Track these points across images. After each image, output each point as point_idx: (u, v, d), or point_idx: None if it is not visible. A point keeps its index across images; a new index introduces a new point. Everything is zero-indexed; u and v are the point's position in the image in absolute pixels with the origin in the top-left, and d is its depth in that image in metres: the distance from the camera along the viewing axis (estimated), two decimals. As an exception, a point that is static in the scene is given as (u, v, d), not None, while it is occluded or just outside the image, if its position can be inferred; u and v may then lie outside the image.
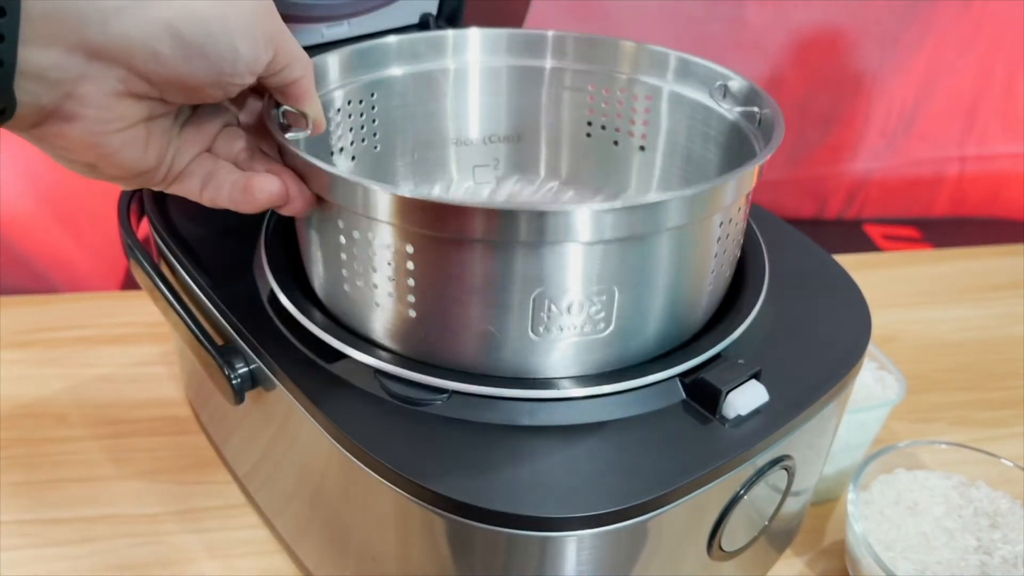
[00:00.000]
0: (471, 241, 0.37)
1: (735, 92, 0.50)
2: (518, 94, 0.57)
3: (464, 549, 0.39)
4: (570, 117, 0.57)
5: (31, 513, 0.58)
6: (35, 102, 0.32)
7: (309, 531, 0.50)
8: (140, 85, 0.34)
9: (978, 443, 0.58)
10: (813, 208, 1.03)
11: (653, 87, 0.53)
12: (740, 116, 0.49)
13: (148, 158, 0.37)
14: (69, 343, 0.72)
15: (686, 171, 0.54)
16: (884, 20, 0.91)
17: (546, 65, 0.56)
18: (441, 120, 0.56)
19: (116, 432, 0.64)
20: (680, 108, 0.53)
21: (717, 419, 0.41)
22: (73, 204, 0.81)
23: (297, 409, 0.42)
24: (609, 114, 0.55)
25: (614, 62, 0.54)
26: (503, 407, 0.40)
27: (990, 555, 0.53)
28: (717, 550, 0.44)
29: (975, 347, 0.78)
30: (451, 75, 0.55)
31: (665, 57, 0.52)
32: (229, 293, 0.47)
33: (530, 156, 0.58)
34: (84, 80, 0.32)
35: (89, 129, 0.34)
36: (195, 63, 0.34)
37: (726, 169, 0.51)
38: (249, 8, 0.35)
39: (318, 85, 0.49)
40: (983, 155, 1.02)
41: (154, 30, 0.32)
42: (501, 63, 0.56)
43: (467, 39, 0.55)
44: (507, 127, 0.57)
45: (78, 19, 0.31)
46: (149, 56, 0.33)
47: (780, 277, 0.50)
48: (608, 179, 0.57)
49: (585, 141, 0.57)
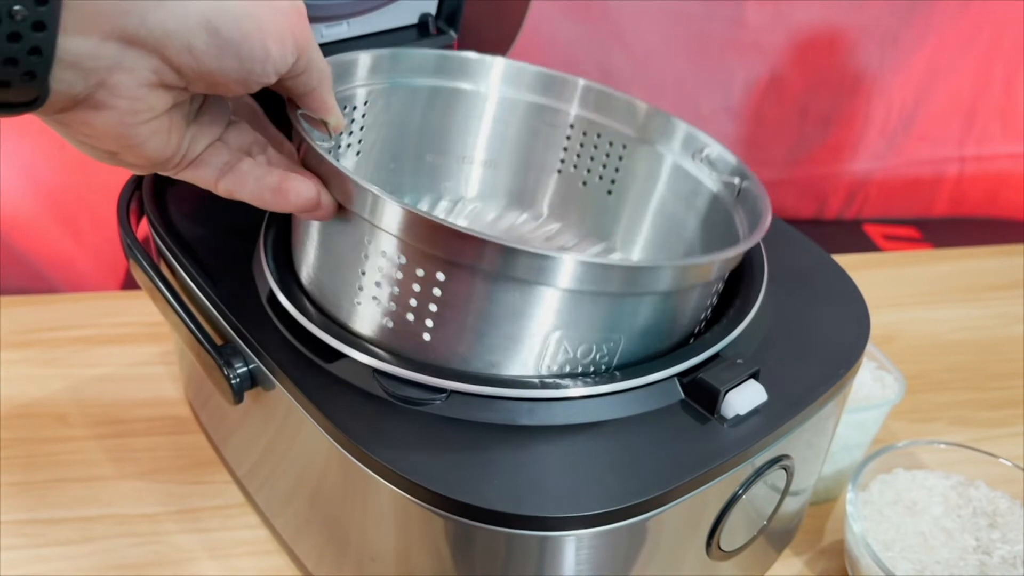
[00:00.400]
0: (508, 278, 0.39)
1: (714, 159, 0.52)
2: (526, 129, 0.58)
3: (463, 549, 0.39)
4: (569, 159, 0.58)
5: (31, 513, 0.58)
6: (68, 90, 0.32)
7: (308, 531, 0.50)
8: (171, 76, 0.34)
9: (977, 443, 0.58)
10: (813, 208, 1.03)
11: (656, 153, 0.55)
12: (723, 187, 0.52)
13: (169, 147, 0.37)
14: (69, 343, 0.72)
15: (662, 227, 0.56)
16: (884, 20, 0.91)
17: (560, 107, 0.57)
18: (451, 135, 0.58)
19: (116, 432, 0.64)
20: (679, 178, 0.54)
21: (716, 419, 0.41)
22: (73, 204, 0.81)
23: (296, 409, 0.42)
24: (608, 166, 0.57)
25: (624, 120, 0.56)
26: (502, 407, 0.40)
27: (989, 555, 0.53)
28: (716, 550, 0.44)
29: (974, 347, 0.78)
30: (471, 96, 0.57)
31: (674, 126, 0.54)
32: (228, 293, 0.47)
33: (527, 187, 0.60)
34: (118, 69, 0.32)
35: (119, 119, 0.34)
36: (227, 60, 0.34)
37: (703, 236, 0.53)
38: (284, 9, 0.36)
39: (345, 80, 0.50)
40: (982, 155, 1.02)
41: (192, 24, 0.32)
42: (520, 96, 0.57)
43: (494, 66, 0.56)
44: (509, 156, 0.59)
45: (118, 8, 0.31)
46: (184, 49, 0.33)
47: (779, 277, 0.50)
48: (595, 224, 0.58)
49: (580, 187, 0.58)
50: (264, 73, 0.36)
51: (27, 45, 0.29)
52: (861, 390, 0.60)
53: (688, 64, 0.92)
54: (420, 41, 0.60)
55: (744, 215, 0.49)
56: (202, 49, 0.33)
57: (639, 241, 0.57)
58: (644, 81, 0.92)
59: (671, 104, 0.93)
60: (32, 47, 0.29)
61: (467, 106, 0.57)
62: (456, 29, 0.61)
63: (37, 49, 0.29)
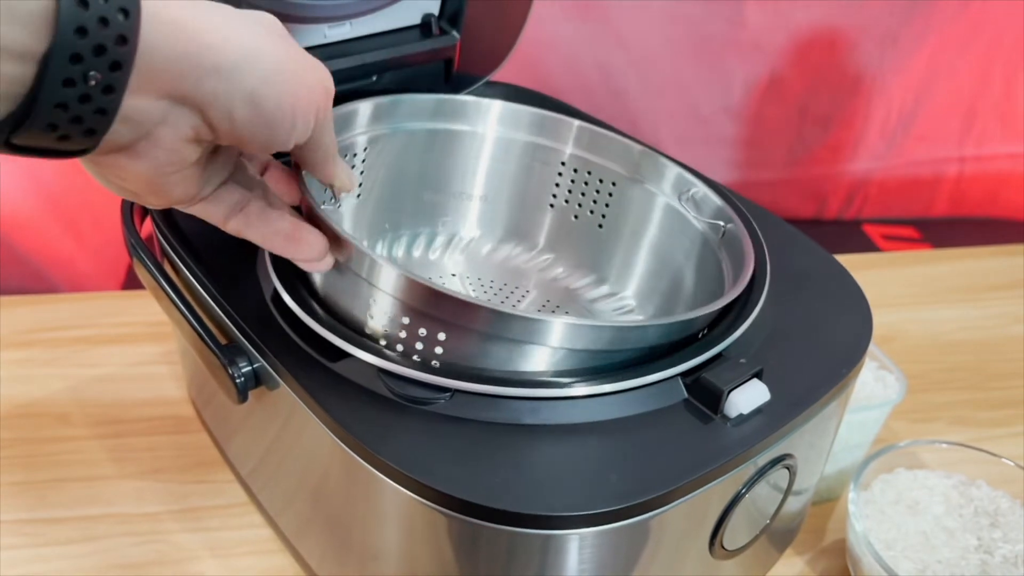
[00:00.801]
0: (503, 338, 0.41)
1: (699, 201, 0.54)
2: (521, 166, 0.60)
3: (466, 547, 0.39)
4: (562, 195, 0.60)
5: (32, 512, 0.58)
6: (115, 140, 0.33)
7: (311, 530, 0.50)
8: (206, 133, 0.35)
9: (978, 442, 0.58)
10: (813, 208, 1.03)
11: (647, 191, 0.56)
12: (708, 228, 0.53)
13: (189, 192, 0.38)
14: (70, 343, 0.72)
15: (653, 261, 0.57)
16: (884, 20, 0.91)
17: (554, 146, 0.59)
18: (450, 173, 0.60)
19: (117, 431, 0.64)
20: (668, 216, 0.56)
21: (719, 418, 0.41)
22: (74, 204, 0.81)
23: (300, 408, 0.42)
24: (599, 201, 0.59)
25: (616, 159, 0.57)
26: (506, 406, 0.40)
27: (990, 554, 0.53)
28: (719, 548, 0.44)
29: (975, 347, 0.78)
30: (468, 137, 0.59)
31: (664, 166, 0.56)
32: (233, 292, 0.47)
33: (522, 220, 0.61)
34: (163, 124, 0.33)
35: (154, 168, 0.35)
36: (259, 129, 0.35)
37: (694, 270, 0.54)
38: (314, 86, 0.37)
39: (347, 129, 0.53)
40: (982, 155, 1.02)
41: (238, 94, 0.34)
42: (516, 136, 0.59)
43: (491, 109, 0.58)
44: (507, 191, 0.61)
45: (178, 72, 0.32)
46: (225, 115, 0.34)
47: (781, 277, 0.50)
48: (589, 258, 0.60)
49: (572, 220, 0.60)
50: (286, 143, 0.37)
51: (95, 106, 0.30)
52: (863, 390, 0.60)
53: (688, 64, 0.92)
54: (422, 41, 0.60)
55: (728, 257, 0.51)
56: (242, 118, 0.34)
57: (631, 274, 0.58)
58: (644, 81, 0.92)
59: (671, 104, 0.94)
60: (99, 108, 0.30)
61: (465, 146, 0.59)
62: (458, 29, 0.61)
63: (103, 110, 0.31)
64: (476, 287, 0.58)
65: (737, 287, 0.46)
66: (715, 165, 0.97)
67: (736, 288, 0.46)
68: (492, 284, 0.59)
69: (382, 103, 0.55)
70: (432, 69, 0.62)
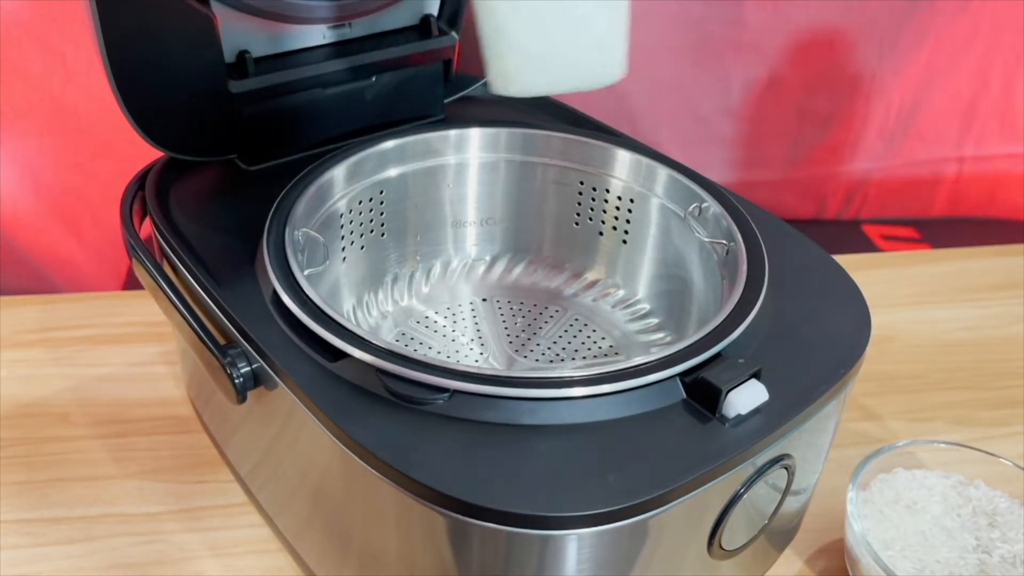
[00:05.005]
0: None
1: (707, 217, 0.54)
2: (513, 184, 0.61)
3: (465, 547, 0.39)
4: (558, 207, 0.61)
5: (33, 512, 0.58)
6: None
7: (310, 530, 0.50)
8: None
9: (976, 442, 0.58)
10: (812, 208, 1.03)
11: (640, 194, 0.57)
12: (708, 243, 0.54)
13: None
14: (71, 343, 0.72)
15: (664, 268, 0.58)
16: (883, 21, 0.91)
17: (540, 161, 0.60)
18: (441, 206, 0.61)
19: (118, 431, 0.64)
20: (663, 217, 0.57)
21: (717, 418, 0.41)
22: (74, 203, 0.81)
23: (299, 408, 0.42)
24: (596, 208, 0.60)
25: (605, 166, 0.58)
26: (504, 406, 0.40)
27: (989, 554, 0.53)
28: (718, 549, 0.44)
29: (973, 347, 0.78)
30: (451, 169, 0.60)
31: (654, 170, 0.56)
32: (231, 292, 0.47)
33: (521, 237, 0.63)
34: None
35: None
36: None
37: (701, 271, 0.55)
38: None
39: (326, 199, 0.53)
40: (981, 155, 1.02)
41: None
42: (498, 157, 0.60)
43: (468, 138, 0.59)
44: (501, 212, 0.62)
45: None
46: None
47: (780, 277, 0.50)
48: (592, 263, 0.61)
49: (572, 228, 0.61)
50: None
51: None
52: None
53: (688, 64, 0.92)
54: (422, 42, 0.60)
55: (728, 275, 0.51)
56: None
57: (639, 277, 0.60)
58: (644, 81, 0.92)
59: (671, 104, 0.94)
60: None
61: (449, 177, 0.60)
62: (457, 30, 0.61)
63: None
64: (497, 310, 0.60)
65: (721, 314, 0.46)
66: (714, 165, 0.97)
67: (721, 314, 0.46)
68: (510, 305, 0.61)
69: (352, 162, 0.55)
70: (431, 69, 0.62)
